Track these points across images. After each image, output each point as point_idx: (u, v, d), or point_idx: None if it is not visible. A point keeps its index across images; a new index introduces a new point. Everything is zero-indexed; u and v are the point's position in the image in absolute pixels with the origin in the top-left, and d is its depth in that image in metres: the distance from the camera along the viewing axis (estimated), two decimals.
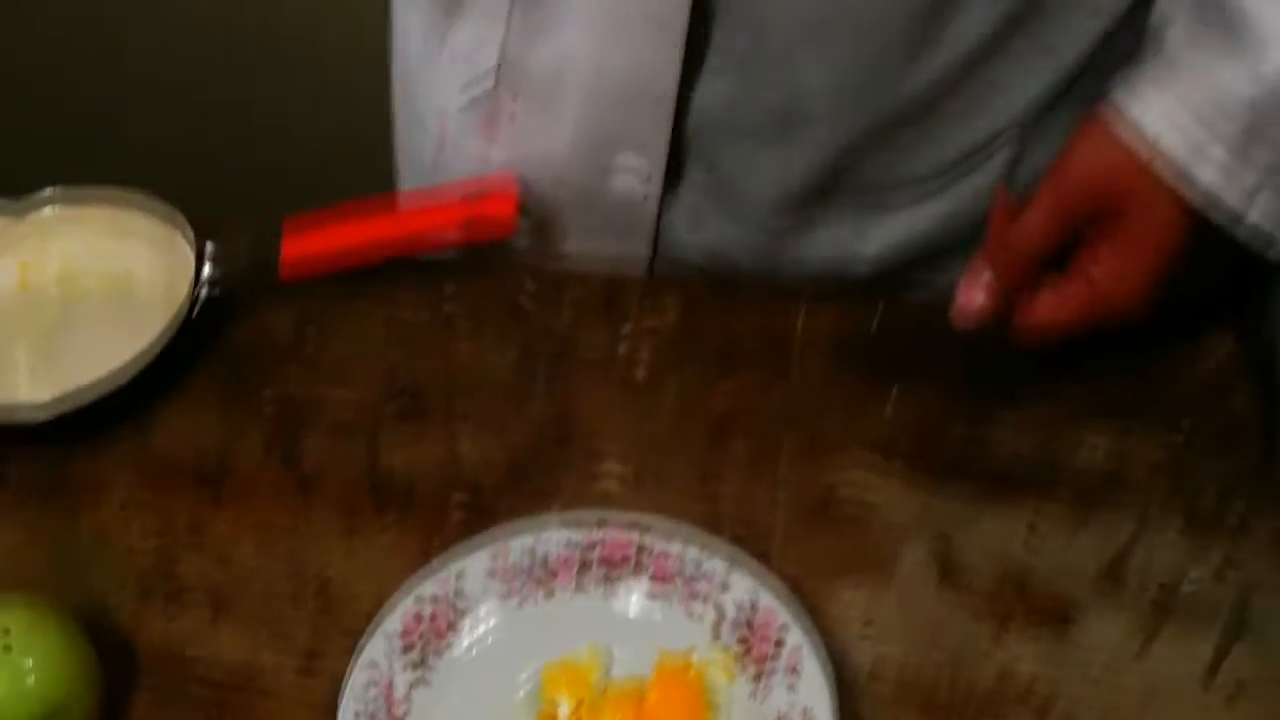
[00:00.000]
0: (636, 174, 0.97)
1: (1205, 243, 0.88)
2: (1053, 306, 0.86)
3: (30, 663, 0.77)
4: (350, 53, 1.22)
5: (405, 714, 0.79)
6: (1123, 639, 0.83)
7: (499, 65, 0.97)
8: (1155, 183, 0.84)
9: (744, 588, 0.81)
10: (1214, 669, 0.82)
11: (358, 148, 1.20)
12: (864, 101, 0.92)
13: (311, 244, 0.98)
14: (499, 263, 1.04)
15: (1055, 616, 0.84)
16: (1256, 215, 0.84)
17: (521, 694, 0.81)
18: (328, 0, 0.99)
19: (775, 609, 0.80)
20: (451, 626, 0.82)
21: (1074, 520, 0.88)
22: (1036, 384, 0.95)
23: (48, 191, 1.05)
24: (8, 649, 0.77)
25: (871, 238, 1.01)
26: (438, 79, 1.03)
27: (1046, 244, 0.85)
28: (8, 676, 0.77)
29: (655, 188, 0.98)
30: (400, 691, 0.79)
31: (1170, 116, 0.83)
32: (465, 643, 0.82)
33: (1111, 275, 0.85)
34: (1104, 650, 0.83)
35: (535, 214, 1.02)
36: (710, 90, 0.94)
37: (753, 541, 0.85)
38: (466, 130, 1.02)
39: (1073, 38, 0.93)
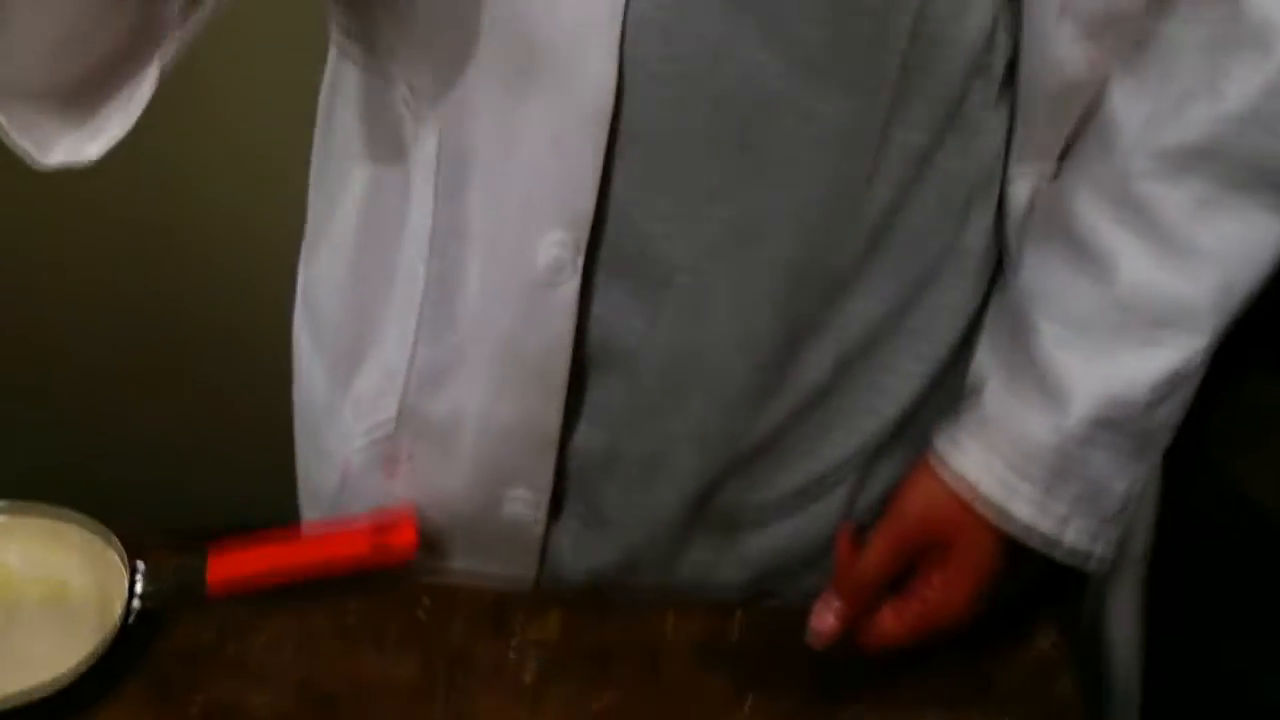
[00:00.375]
0: (525, 503, 1.09)
1: (1027, 554, 1.02)
2: (893, 623, 1.01)
3: None
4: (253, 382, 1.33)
5: None
6: None
7: (398, 414, 1.09)
8: (977, 519, 0.99)
9: None
10: None
11: (268, 473, 1.31)
12: (721, 443, 1.05)
13: (233, 567, 1.09)
14: (397, 580, 1.14)
15: None
16: (1071, 538, 1.00)
17: None
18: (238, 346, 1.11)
19: None
20: None
21: None
22: (878, 681, 1.07)
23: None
24: None
25: (730, 559, 1.14)
26: (340, 422, 1.15)
27: (885, 575, 1.00)
28: None
29: (542, 515, 1.09)
30: None
31: (986, 465, 0.99)
32: None
33: (941, 595, 1.00)
34: None
35: (431, 538, 1.13)
36: (588, 437, 1.06)
37: None
38: (368, 468, 1.13)
39: (902, 379, 1.07)
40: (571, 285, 0.97)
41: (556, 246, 0.96)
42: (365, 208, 1.09)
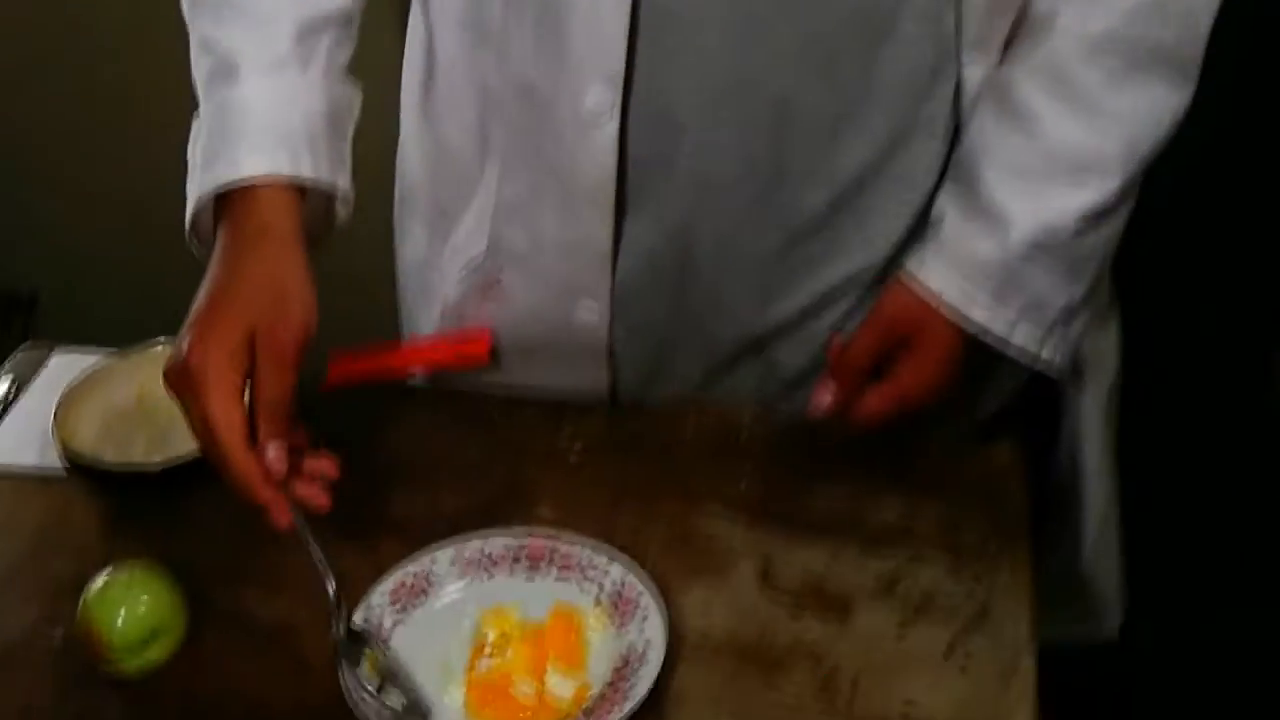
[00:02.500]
0: (591, 311, 1.36)
1: (989, 359, 1.28)
2: (874, 400, 1.27)
3: (143, 598, 1.17)
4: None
5: (387, 640, 1.17)
6: (886, 625, 1.19)
7: (488, 245, 1.38)
8: (941, 318, 1.25)
9: (618, 574, 1.20)
10: (952, 648, 1.17)
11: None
12: (735, 258, 1.32)
13: (349, 368, 1.39)
14: (480, 395, 1.44)
15: (838, 609, 1.20)
16: (1019, 340, 1.27)
17: (466, 629, 1.19)
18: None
19: (636, 585, 1.19)
20: (424, 592, 1.21)
21: (865, 553, 1.25)
22: (850, 472, 1.34)
23: (160, 340, 1.47)
24: (130, 586, 1.17)
25: (749, 367, 1.40)
26: (439, 267, 1.44)
27: (869, 359, 1.27)
28: (130, 603, 1.16)
29: (605, 322, 1.36)
30: (386, 628, 1.18)
31: (947, 278, 1.25)
32: (433, 602, 1.21)
33: (912, 377, 1.27)
34: (870, 631, 1.18)
35: (519, 353, 1.41)
36: (633, 255, 1.33)
37: (633, 555, 1.23)
38: (464, 298, 1.42)
39: (889, 219, 1.32)
40: (611, 127, 1.24)
41: (597, 96, 1.23)
42: (445, 91, 1.39)
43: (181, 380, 1.13)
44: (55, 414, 1.38)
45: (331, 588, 1.15)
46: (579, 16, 1.22)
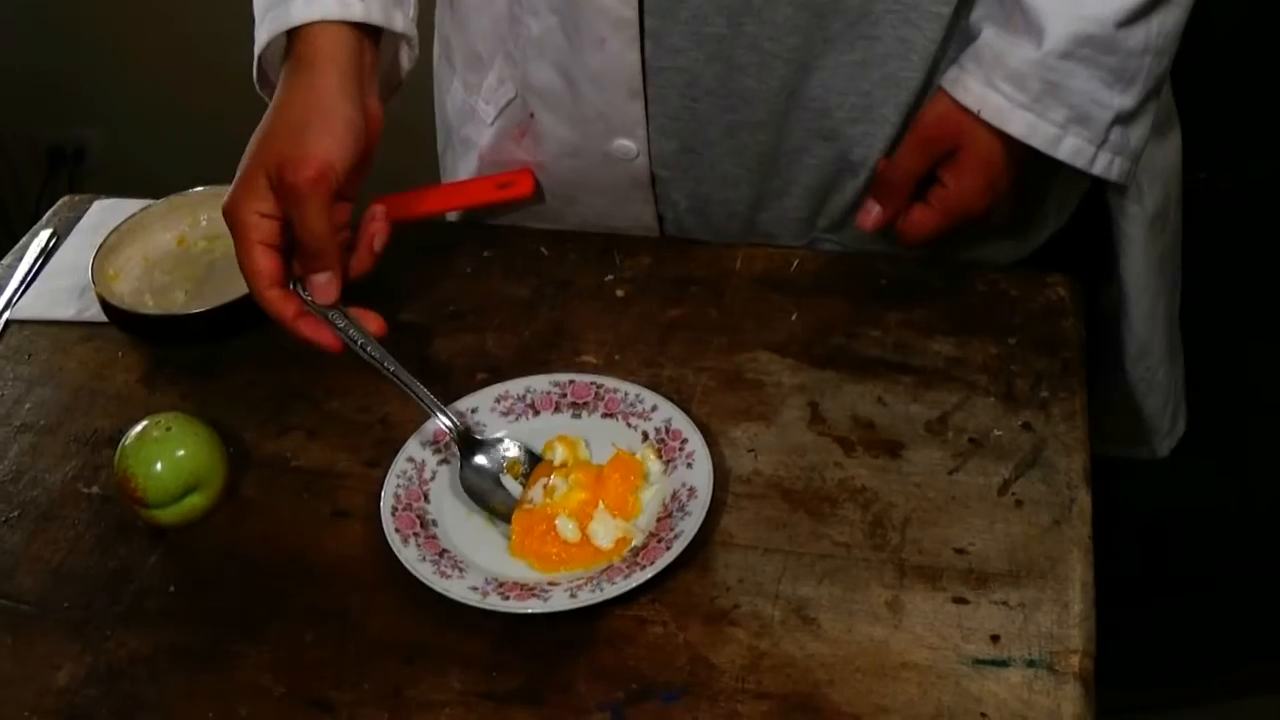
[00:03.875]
0: (630, 141, 1.33)
1: (1042, 179, 1.26)
2: (921, 213, 1.25)
3: (182, 448, 1.15)
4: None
5: (431, 478, 1.16)
6: (937, 465, 1.16)
7: (519, 86, 1.36)
8: (981, 129, 1.21)
9: (663, 414, 1.18)
10: (1005, 487, 1.14)
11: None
12: (780, 67, 1.28)
13: (394, 209, 1.36)
14: (526, 230, 1.42)
15: (888, 449, 1.18)
16: (1066, 151, 1.21)
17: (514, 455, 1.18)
18: None
19: (682, 426, 1.16)
20: (466, 434, 1.19)
21: (913, 394, 1.22)
22: (900, 308, 1.30)
23: (199, 188, 1.45)
24: (169, 434, 1.15)
25: (797, 185, 1.37)
26: (475, 114, 1.42)
27: (914, 173, 1.24)
28: (168, 453, 1.14)
29: (644, 150, 1.34)
30: (429, 471, 1.16)
31: (985, 87, 1.21)
32: (475, 443, 1.19)
33: (957, 187, 1.23)
34: (922, 471, 1.16)
35: (562, 189, 1.39)
36: (668, 76, 1.29)
37: (679, 399, 1.21)
38: (500, 140, 1.40)
39: (926, 25, 1.26)
40: None
41: None
42: None
43: (229, 229, 1.17)
44: (93, 263, 1.37)
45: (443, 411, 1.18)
46: None
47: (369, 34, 1.23)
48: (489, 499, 1.15)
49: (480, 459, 1.17)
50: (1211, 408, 1.67)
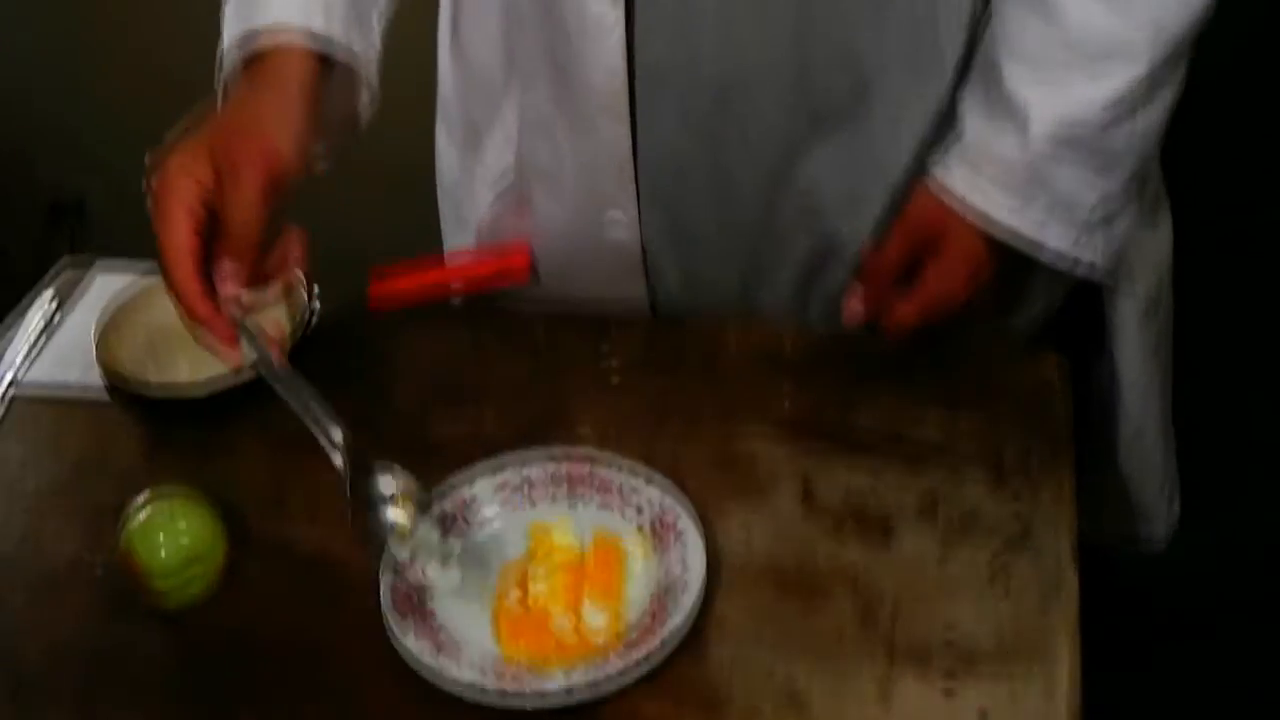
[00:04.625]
0: (621, 223, 1.36)
1: (1025, 268, 1.27)
2: (905, 306, 1.25)
3: (184, 525, 1.17)
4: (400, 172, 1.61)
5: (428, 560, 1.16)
6: (927, 546, 1.18)
7: (516, 165, 1.38)
8: (966, 223, 1.23)
9: (656, 497, 1.19)
10: (994, 570, 1.16)
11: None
12: (767, 149, 1.30)
13: (392, 287, 1.38)
14: (523, 313, 1.44)
15: (879, 530, 1.19)
16: (1053, 242, 1.23)
17: (507, 556, 1.19)
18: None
19: (675, 509, 1.18)
20: (465, 521, 1.21)
21: (906, 471, 1.24)
22: (892, 384, 1.32)
23: None
24: (172, 513, 1.17)
25: (785, 264, 1.39)
26: (472, 191, 1.45)
27: (897, 264, 1.26)
28: (171, 531, 1.16)
29: (636, 232, 1.36)
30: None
31: (970, 181, 1.23)
32: (473, 530, 1.20)
33: (940, 281, 1.25)
34: (911, 552, 1.17)
35: (556, 268, 1.41)
36: (657, 157, 1.32)
37: (674, 476, 1.22)
38: (497, 219, 1.43)
39: (914, 112, 1.29)
40: (617, 30, 1.24)
41: (600, 5, 1.23)
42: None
43: (151, 208, 1.14)
44: (97, 335, 1.38)
45: (336, 435, 1.13)
46: None
47: (328, 70, 1.22)
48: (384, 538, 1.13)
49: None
50: (1207, 475, 1.69)
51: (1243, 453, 2.43)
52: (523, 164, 1.38)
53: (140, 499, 1.19)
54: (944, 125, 1.28)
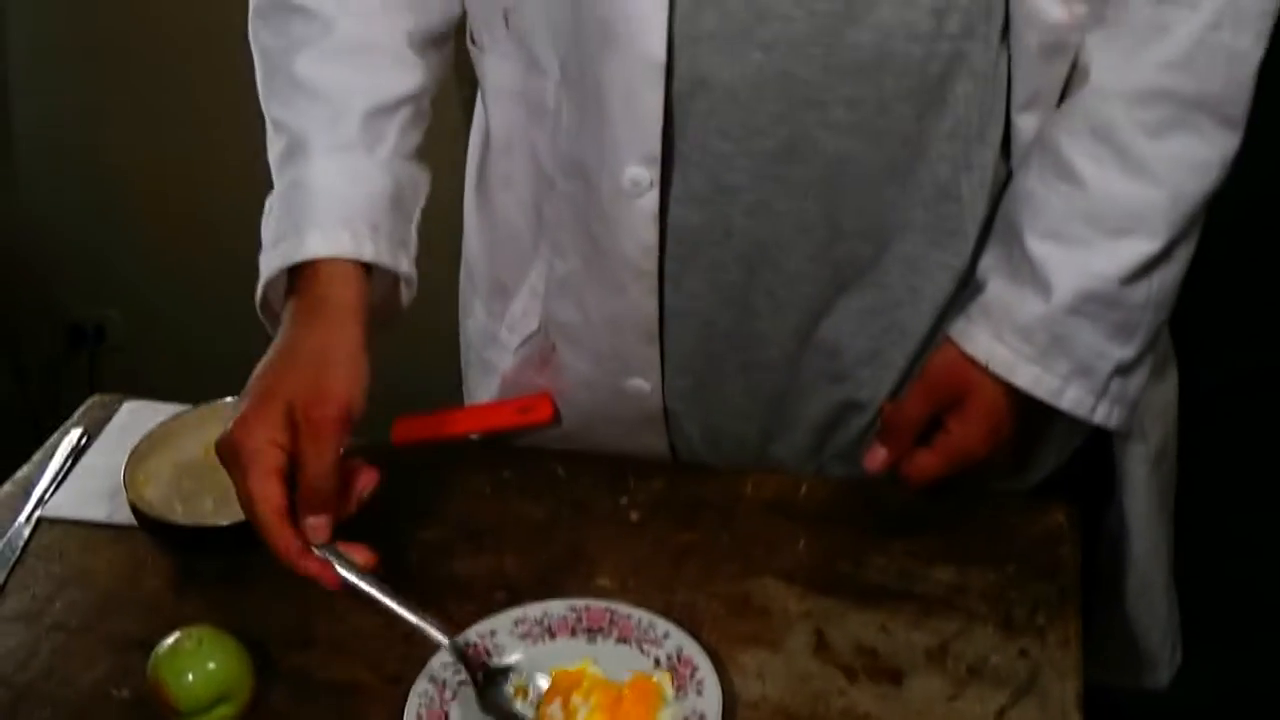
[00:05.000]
0: (643, 381, 1.39)
1: (1041, 426, 1.31)
2: (926, 457, 1.29)
3: (212, 660, 1.20)
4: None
5: (451, 697, 1.19)
6: (937, 692, 1.21)
7: (542, 320, 1.42)
8: (987, 379, 1.27)
9: (675, 642, 1.22)
10: (1001, 714, 1.18)
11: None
12: (792, 314, 1.34)
13: (416, 427, 1.42)
14: (543, 452, 1.47)
15: (890, 677, 1.22)
16: (1069, 402, 1.27)
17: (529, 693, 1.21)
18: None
19: (693, 654, 1.21)
20: (488, 656, 1.23)
21: (915, 622, 1.27)
22: (904, 538, 1.35)
23: (228, 399, 1.49)
24: (201, 647, 1.20)
25: (805, 420, 1.43)
26: (498, 340, 1.49)
27: (920, 419, 1.29)
28: (200, 664, 1.19)
29: (658, 390, 1.39)
30: (449, 690, 1.20)
31: (991, 343, 1.27)
32: (494, 669, 1.23)
33: (962, 433, 1.28)
34: (921, 699, 1.20)
35: (579, 418, 1.44)
36: (685, 324, 1.36)
37: (690, 624, 1.25)
38: (521, 369, 1.46)
39: (935, 276, 1.33)
40: (651, 196, 1.27)
41: (635, 174, 1.26)
42: (489, 171, 1.44)
43: (228, 455, 1.18)
44: (125, 469, 1.41)
45: (444, 638, 1.20)
46: (617, 95, 1.24)
47: (369, 271, 1.28)
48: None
49: (493, 688, 1.20)
50: (1209, 610, 1.71)
51: (1243, 596, 2.44)
52: (549, 321, 1.41)
53: (171, 635, 1.21)
54: (964, 290, 1.32)
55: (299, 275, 1.26)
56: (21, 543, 1.43)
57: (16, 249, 3.07)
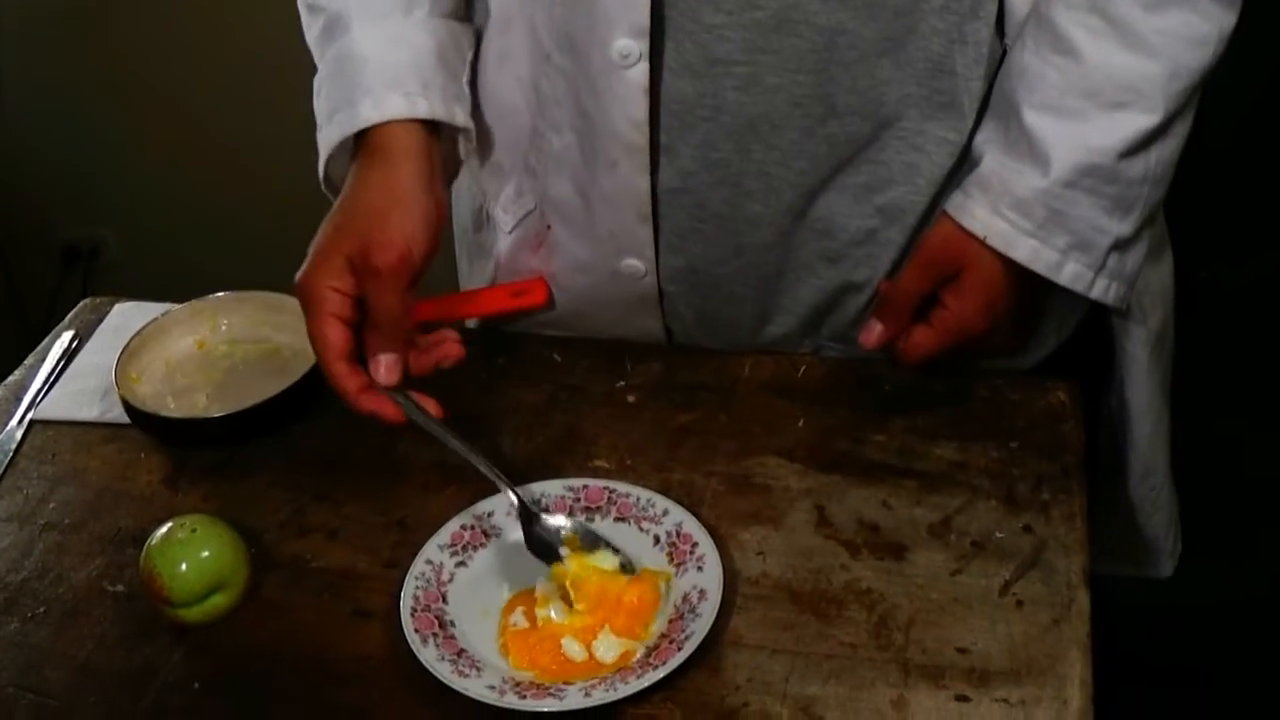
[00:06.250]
0: (638, 261, 1.37)
1: (1040, 300, 1.30)
2: (923, 334, 1.28)
3: (206, 549, 1.19)
4: None
5: (448, 580, 1.19)
6: (940, 566, 1.19)
7: (538, 199, 1.40)
8: (985, 253, 1.25)
9: (674, 518, 1.21)
10: (1006, 588, 1.18)
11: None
12: (785, 190, 1.31)
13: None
14: (540, 337, 1.46)
15: (892, 552, 1.21)
16: (1068, 276, 1.25)
17: (521, 577, 1.20)
18: None
19: (693, 530, 1.20)
20: (484, 538, 1.22)
21: (917, 498, 1.26)
22: (905, 414, 1.34)
23: (219, 293, 1.50)
24: (194, 535, 1.19)
25: (799, 298, 1.40)
26: (495, 219, 1.47)
27: (917, 294, 1.27)
28: (193, 554, 1.18)
29: (652, 270, 1.37)
30: (446, 573, 1.20)
31: (988, 216, 1.24)
32: (492, 548, 1.22)
33: (959, 308, 1.26)
34: (925, 573, 1.19)
35: (575, 302, 1.43)
36: (677, 199, 1.33)
37: (689, 503, 1.24)
38: (517, 249, 1.44)
39: (932, 151, 1.31)
40: (640, 68, 1.25)
41: (624, 46, 1.24)
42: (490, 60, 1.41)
43: (301, 303, 1.23)
44: (116, 366, 1.40)
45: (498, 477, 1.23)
46: None
47: (433, 127, 1.29)
48: (549, 559, 1.19)
49: (542, 527, 1.22)
50: (1208, 507, 1.70)
51: (1240, 490, 2.44)
52: (546, 201, 1.39)
53: (164, 525, 1.20)
54: (961, 168, 1.30)
55: (360, 146, 1.29)
56: (14, 445, 1.41)
57: (6, 173, 3.05)
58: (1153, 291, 1.40)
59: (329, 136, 1.30)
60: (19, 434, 1.43)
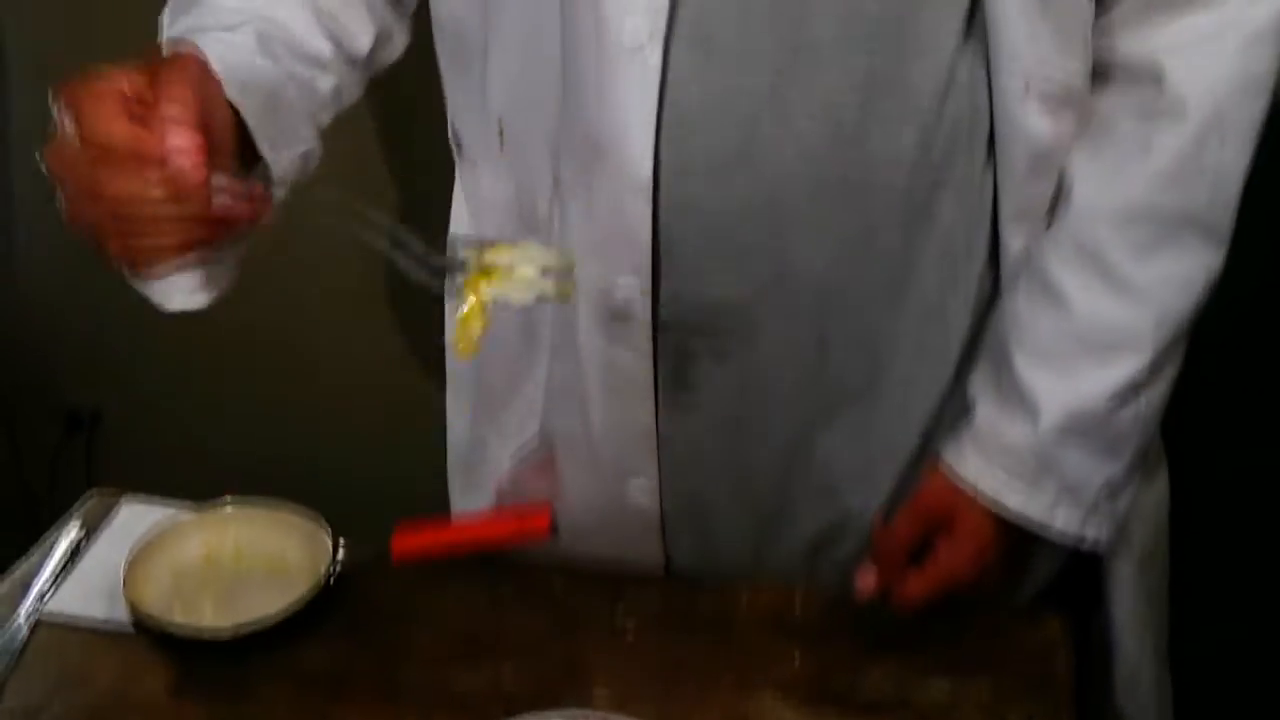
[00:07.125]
0: (643, 490, 1.39)
1: (1030, 543, 1.31)
2: (915, 583, 1.30)
3: None
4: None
5: None
6: None
7: (540, 429, 1.42)
8: (977, 506, 1.28)
9: None
10: None
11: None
12: (781, 449, 1.36)
13: (412, 541, 1.42)
14: (542, 566, 1.47)
15: None
16: (1060, 524, 1.28)
17: None
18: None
19: None
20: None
21: None
22: (900, 651, 1.36)
23: (228, 499, 1.51)
24: None
25: (797, 534, 1.43)
26: (491, 445, 1.49)
27: (908, 542, 1.30)
28: None
29: (656, 501, 1.40)
30: None
31: (981, 468, 1.28)
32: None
33: (950, 562, 1.29)
34: None
35: (576, 529, 1.43)
36: (682, 433, 1.37)
37: None
38: (519, 477, 1.47)
39: (923, 392, 1.35)
40: (643, 320, 1.29)
41: (626, 290, 1.28)
42: None
43: (64, 110, 1.08)
44: (124, 573, 1.42)
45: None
46: (605, 205, 1.26)
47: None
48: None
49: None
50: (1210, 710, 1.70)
51: (1242, 681, 2.44)
52: (547, 431, 1.42)
53: None
54: (949, 406, 1.34)
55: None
56: (20, 643, 1.42)
57: (14, 335, 3.06)
58: (1143, 511, 1.42)
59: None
60: (25, 631, 1.43)
